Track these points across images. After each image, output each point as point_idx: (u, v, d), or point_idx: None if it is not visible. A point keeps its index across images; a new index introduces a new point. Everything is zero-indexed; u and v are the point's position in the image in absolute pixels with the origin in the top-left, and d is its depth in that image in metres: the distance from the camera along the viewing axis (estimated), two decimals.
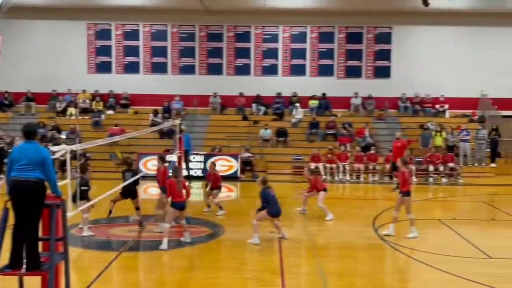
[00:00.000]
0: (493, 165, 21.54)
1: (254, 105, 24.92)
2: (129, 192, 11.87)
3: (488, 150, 21.82)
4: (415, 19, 24.65)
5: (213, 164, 14.89)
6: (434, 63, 24.89)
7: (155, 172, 13.07)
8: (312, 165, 19.17)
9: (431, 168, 19.96)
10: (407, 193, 11.48)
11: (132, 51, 25.70)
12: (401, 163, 11.92)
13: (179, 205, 10.71)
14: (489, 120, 23.63)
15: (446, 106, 24.68)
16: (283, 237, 11.07)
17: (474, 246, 10.78)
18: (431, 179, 19.69)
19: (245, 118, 24.24)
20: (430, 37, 25.15)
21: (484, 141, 21.49)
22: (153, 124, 22.22)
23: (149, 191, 18.01)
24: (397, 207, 11.64)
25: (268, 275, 9.01)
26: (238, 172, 19.98)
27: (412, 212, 11.50)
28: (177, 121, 17.29)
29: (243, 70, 25.76)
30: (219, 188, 14.00)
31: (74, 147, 7.14)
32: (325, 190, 13.56)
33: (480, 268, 9.38)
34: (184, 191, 10.77)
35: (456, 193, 17.72)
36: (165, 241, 10.37)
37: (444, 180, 19.62)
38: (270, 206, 10.93)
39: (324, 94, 24.94)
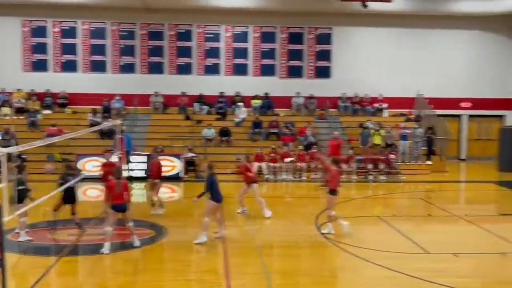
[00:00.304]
0: (428, 162, 22.32)
1: (196, 104, 24.74)
2: (71, 198, 11.57)
3: (424, 148, 22.59)
4: (354, 20, 25.23)
5: (156, 151, 14.57)
6: (372, 64, 25.52)
7: (96, 173, 12.77)
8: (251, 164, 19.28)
9: (369, 166, 20.44)
10: (332, 191, 11.69)
11: (70, 49, 24.92)
12: (331, 162, 12.16)
13: (118, 207, 10.49)
14: (425, 119, 24.50)
15: (385, 106, 25.37)
16: (221, 236, 11.05)
17: (412, 242, 11.14)
18: (370, 177, 20.17)
19: (187, 118, 24.04)
20: (368, 38, 25.79)
21: (420, 139, 22.23)
22: (93, 124, 21.68)
23: (89, 193, 17.56)
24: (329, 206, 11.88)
25: (213, 276, 8.98)
26: (181, 173, 19.79)
27: (334, 210, 11.72)
28: (118, 121, 17.01)
29: (185, 69, 25.52)
30: (160, 179, 13.73)
31: (10, 149, 6.85)
32: (256, 182, 13.66)
33: (418, 264, 9.70)
34: (125, 193, 10.56)
35: (394, 190, 18.24)
36: (107, 245, 10.15)
37: (382, 177, 20.14)
38: (215, 193, 10.94)
39: (266, 93, 25.09)
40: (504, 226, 12.82)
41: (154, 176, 13.75)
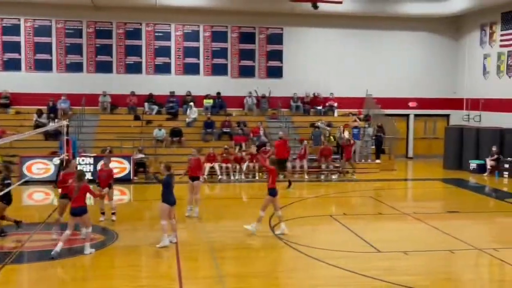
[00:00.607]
0: (378, 161, 22.73)
1: (146, 104, 24.31)
2: (10, 200, 11.14)
3: (373, 147, 22.98)
4: (305, 21, 25.41)
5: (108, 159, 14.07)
6: (323, 64, 25.75)
7: (41, 176, 12.32)
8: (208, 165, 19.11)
9: (323, 166, 20.61)
10: (270, 191, 11.68)
11: (13, 47, 23.97)
12: (270, 162, 12.19)
13: (72, 211, 10.17)
14: (374, 119, 24.95)
15: (335, 105, 25.67)
16: (171, 241, 10.87)
17: (364, 241, 11.27)
18: (322, 176, 20.36)
19: (137, 118, 23.59)
20: (319, 39, 26.00)
21: (370, 139, 22.61)
22: (38, 125, 20.96)
23: (35, 197, 16.98)
24: (276, 207, 11.84)
25: (166, 281, 8.79)
26: (131, 174, 19.35)
27: (265, 210, 11.77)
28: (64, 122, 16.49)
29: (134, 68, 25.01)
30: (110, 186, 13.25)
31: None
32: (198, 178, 13.57)
33: (370, 262, 9.82)
34: (83, 196, 10.23)
35: (345, 189, 18.47)
36: (59, 245, 9.87)
37: (334, 177, 20.35)
38: (167, 195, 10.73)
39: (218, 93, 24.92)
40: (451, 223, 13.16)
41: (103, 184, 12.89)
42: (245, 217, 13.78)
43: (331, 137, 22.07)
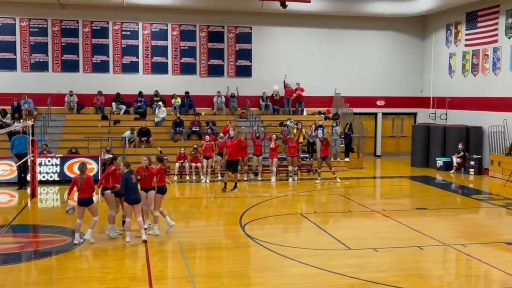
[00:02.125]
0: (347, 159, 22.90)
1: (114, 104, 23.95)
2: None
3: (343, 145, 23.13)
4: (274, 20, 25.42)
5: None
6: (291, 63, 25.84)
7: (4, 178, 11.97)
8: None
9: (290, 168, 20.51)
10: (159, 189, 11.57)
11: None
12: (157, 160, 11.97)
13: (81, 201, 10.86)
14: (343, 117, 25.13)
15: (303, 94, 25.65)
16: (144, 240, 10.83)
17: (334, 238, 11.31)
18: (290, 180, 20.29)
19: (104, 118, 23.22)
20: (287, 38, 26.08)
21: (339, 137, 22.74)
22: (1, 125, 20.44)
23: None
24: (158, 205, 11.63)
25: (135, 283, 8.64)
26: (99, 175, 19.00)
27: (158, 210, 11.59)
28: (29, 122, 16.12)
29: (101, 68, 24.61)
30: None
31: None
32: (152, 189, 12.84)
33: (341, 260, 9.86)
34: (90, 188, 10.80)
35: (315, 188, 18.52)
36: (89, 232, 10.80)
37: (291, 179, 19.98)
38: (128, 193, 10.78)
39: (187, 92, 24.72)
40: (419, 220, 13.34)
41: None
42: (214, 216, 13.72)
43: (292, 135, 21.58)
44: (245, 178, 19.44)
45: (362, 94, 26.67)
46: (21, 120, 20.19)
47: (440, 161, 22.60)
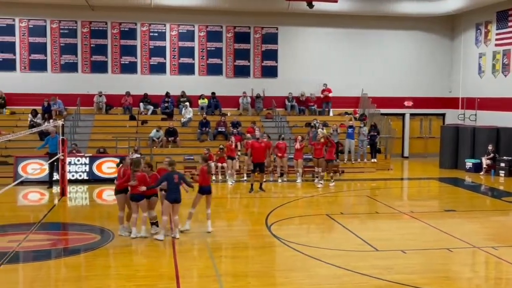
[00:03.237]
0: (373, 160, 22.70)
1: (141, 104, 24.23)
2: None
3: (369, 146, 22.93)
4: (300, 20, 25.37)
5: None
6: (318, 63, 25.76)
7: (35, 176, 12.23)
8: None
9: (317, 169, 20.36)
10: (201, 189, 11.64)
11: (8, 47, 23.84)
12: (202, 160, 12.10)
13: (131, 197, 11.09)
14: (369, 118, 24.93)
15: (330, 95, 25.57)
16: (174, 236, 11.05)
17: (361, 239, 11.23)
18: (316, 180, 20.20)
19: (132, 118, 23.50)
20: (314, 38, 26.01)
21: (366, 138, 22.56)
22: (32, 125, 20.85)
23: (30, 197, 16.88)
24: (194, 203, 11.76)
25: (163, 281, 8.71)
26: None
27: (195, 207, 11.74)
28: (60, 122, 16.42)
29: (129, 68, 24.93)
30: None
31: None
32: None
33: (368, 261, 9.77)
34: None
35: (342, 189, 18.42)
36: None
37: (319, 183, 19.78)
38: (169, 192, 10.91)
39: (213, 93, 24.85)
40: (448, 222, 13.15)
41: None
42: (241, 216, 13.77)
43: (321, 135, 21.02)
44: (271, 179, 19.44)
45: (390, 94, 26.44)
46: (51, 120, 20.55)
47: (469, 163, 22.23)
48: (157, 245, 10.69)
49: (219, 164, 19.55)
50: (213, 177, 19.39)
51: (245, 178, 19.32)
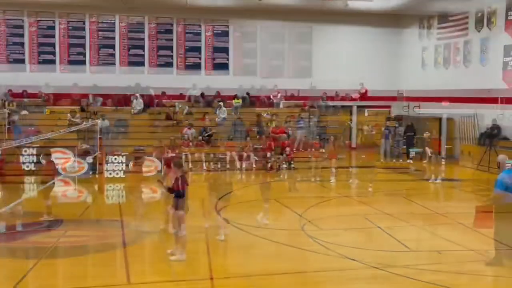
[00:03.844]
0: (409, 161, 22.38)
1: (177, 104, 24.56)
2: None
3: (404, 146, 22.63)
4: (334, 19, 25.28)
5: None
6: (352, 63, 25.67)
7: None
8: None
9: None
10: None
11: (46, 45, 24.53)
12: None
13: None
14: (405, 118, 24.55)
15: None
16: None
17: (395, 239, 11.11)
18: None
19: (168, 117, 23.86)
20: (347, 38, 25.94)
21: (401, 138, 22.27)
22: (71, 124, 21.34)
23: (69, 194, 17.30)
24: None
25: (197, 276, 8.82)
26: (163, 172, 19.47)
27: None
28: (98, 122, 16.80)
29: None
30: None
31: None
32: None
33: (402, 261, 9.71)
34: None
35: (376, 189, 18.18)
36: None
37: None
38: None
39: (248, 93, 25.09)
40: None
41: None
42: (274, 215, 13.78)
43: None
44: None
45: (426, 94, 26.00)
46: (89, 120, 21.01)
47: (508, 164, 21.58)
48: (190, 242, 10.70)
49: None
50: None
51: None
